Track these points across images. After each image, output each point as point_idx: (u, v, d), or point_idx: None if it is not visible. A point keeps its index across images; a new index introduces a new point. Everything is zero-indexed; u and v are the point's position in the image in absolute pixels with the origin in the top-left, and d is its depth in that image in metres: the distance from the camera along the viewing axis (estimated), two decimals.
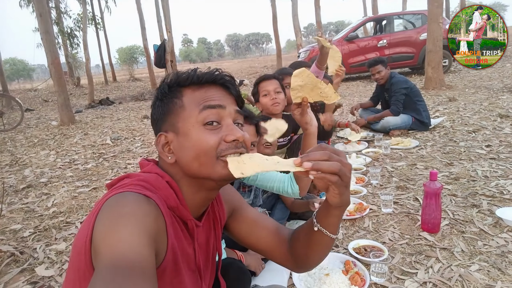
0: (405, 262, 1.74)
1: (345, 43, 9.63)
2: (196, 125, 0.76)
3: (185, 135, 0.76)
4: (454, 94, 6.07)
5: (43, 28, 6.57)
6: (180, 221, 0.78)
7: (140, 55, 48.38)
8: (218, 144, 0.75)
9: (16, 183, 3.68)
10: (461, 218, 2.09)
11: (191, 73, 0.80)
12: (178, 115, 0.77)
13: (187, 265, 0.79)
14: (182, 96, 0.78)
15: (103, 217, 0.64)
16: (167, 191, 0.75)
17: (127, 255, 0.57)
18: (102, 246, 0.59)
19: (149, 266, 0.58)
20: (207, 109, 0.76)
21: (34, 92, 16.07)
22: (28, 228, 2.56)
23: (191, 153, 0.75)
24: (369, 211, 2.30)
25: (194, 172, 0.77)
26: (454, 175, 2.73)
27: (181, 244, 0.77)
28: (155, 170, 0.78)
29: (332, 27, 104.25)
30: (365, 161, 3.23)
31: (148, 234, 0.62)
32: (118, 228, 0.60)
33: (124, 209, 0.64)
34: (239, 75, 16.36)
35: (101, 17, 18.53)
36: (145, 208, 0.65)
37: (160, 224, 0.67)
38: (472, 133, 3.80)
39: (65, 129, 6.67)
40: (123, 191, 0.69)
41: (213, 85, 0.80)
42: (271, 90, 2.25)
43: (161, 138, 0.79)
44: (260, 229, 0.99)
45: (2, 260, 2.06)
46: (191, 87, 0.79)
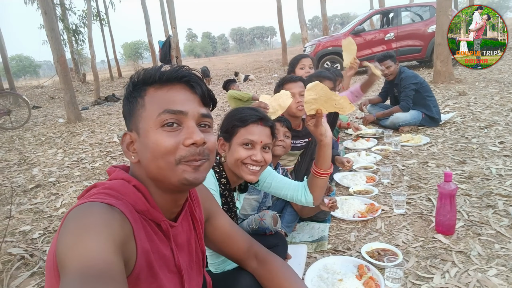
0: (420, 266, 1.70)
1: (351, 37, 9.48)
2: (154, 126, 0.74)
3: (144, 136, 0.74)
4: (464, 88, 5.96)
5: (48, 25, 6.55)
6: (152, 223, 0.76)
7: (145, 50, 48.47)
8: (176, 148, 0.73)
9: (25, 182, 3.69)
10: (476, 219, 2.04)
11: (154, 70, 0.77)
12: (140, 115, 0.76)
13: (165, 268, 0.77)
14: (144, 96, 0.76)
15: (65, 230, 0.62)
16: (135, 195, 0.73)
17: (94, 263, 0.56)
18: (67, 258, 0.58)
19: (118, 273, 0.58)
20: (166, 114, 0.73)
21: (40, 89, 16.16)
22: (38, 229, 2.56)
23: (149, 155, 0.74)
24: (381, 212, 2.25)
25: (153, 174, 0.76)
26: (467, 173, 2.67)
27: (156, 246, 0.75)
28: (121, 175, 0.77)
29: (337, 19, 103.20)
30: (376, 159, 3.18)
31: (113, 241, 0.61)
32: (81, 239, 0.59)
33: (86, 220, 0.62)
34: (244, 69, 16.28)
35: (106, 13, 18.51)
36: (107, 216, 0.64)
37: (126, 230, 0.66)
38: (484, 128, 3.72)
39: (72, 127, 6.69)
40: (84, 202, 0.67)
41: (177, 84, 0.77)
42: (296, 93, 2.23)
43: (126, 137, 0.78)
44: (233, 242, 1.07)
45: (12, 263, 2.05)
46: (154, 86, 0.76)
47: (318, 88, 1.21)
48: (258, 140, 1.38)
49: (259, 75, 13.50)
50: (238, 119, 1.41)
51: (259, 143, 1.39)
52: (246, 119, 1.40)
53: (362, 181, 2.75)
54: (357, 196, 2.51)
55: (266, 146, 1.42)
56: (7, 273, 1.97)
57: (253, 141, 1.38)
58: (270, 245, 1.56)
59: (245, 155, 1.37)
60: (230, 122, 1.44)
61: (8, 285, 1.88)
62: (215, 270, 1.39)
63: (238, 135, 1.40)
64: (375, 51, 9.39)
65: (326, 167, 1.48)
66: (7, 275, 1.95)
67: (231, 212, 1.51)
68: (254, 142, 1.38)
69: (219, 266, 1.37)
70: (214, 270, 1.39)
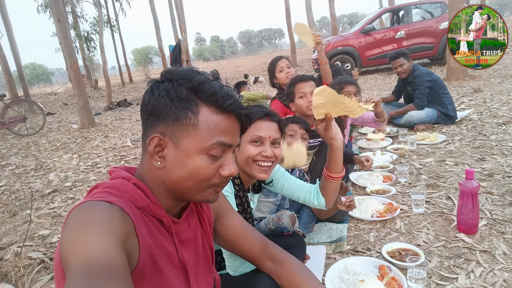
0: (443, 267, 1.66)
1: (361, 36, 9.44)
2: (201, 151, 0.74)
3: (185, 154, 0.74)
4: (479, 84, 5.85)
5: (61, 33, 6.67)
6: (154, 219, 0.77)
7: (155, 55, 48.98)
8: (214, 177, 0.77)
9: (42, 187, 3.75)
10: (499, 217, 1.99)
11: (217, 90, 0.74)
12: (187, 131, 0.73)
13: (170, 263, 0.78)
14: (198, 114, 0.73)
15: (68, 229, 0.63)
16: (135, 193, 0.74)
17: (97, 259, 0.57)
18: (70, 256, 0.59)
19: (121, 267, 0.59)
20: (219, 146, 0.75)
21: (54, 96, 16.44)
22: (56, 233, 2.59)
23: (184, 174, 0.75)
24: (400, 212, 2.21)
25: (179, 189, 0.78)
26: (488, 171, 2.61)
27: (159, 242, 0.76)
28: (121, 175, 0.78)
29: (346, 19, 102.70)
30: (392, 158, 3.13)
31: (114, 237, 0.62)
32: (83, 236, 0.60)
33: (86, 217, 0.64)
34: (253, 72, 16.29)
35: (116, 20, 18.77)
36: (108, 212, 0.65)
37: (127, 226, 0.67)
38: (502, 125, 3.63)
39: (85, 132, 6.78)
40: (85, 201, 0.69)
41: (232, 114, 0.77)
42: (307, 93, 2.24)
43: (155, 140, 0.74)
44: (246, 242, 1.07)
45: (32, 267, 2.08)
46: (210, 108, 0.74)
47: (326, 92, 1.20)
48: (266, 136, 1.38)
49: (268, 77, 13.49)
50: None
51: (268, 139, 1.38)
52: (253, 116, 1.39)
53: (378, 180, 2.71)
54: (374, 195, 2.47)
55: (275, 142, 1.41)
56: (28, 276, 1.99)
57: (262, 137, 1.37)
58: (288, 245, 1.54)
59: (255, 152, 1.37)
60: None
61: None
62: (233, 273, 1.38)
63: (246, 133, 1.39)
64: (385, 50, 9.30)
65: (338, 170, 1.45)
66: (28, 278, 1.97)
67: (246, 213, 1.50)
68: (263, 138, 1.38)
69: (237, 269, 1.36)
70: (233, 272, 1.38)
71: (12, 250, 2.31)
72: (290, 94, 2.36)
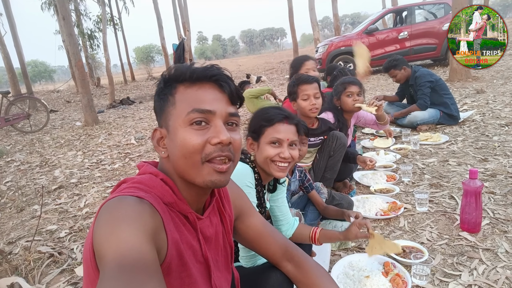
0: (446, 264, 1.69)
1: (364, 36, 9.45)
2: (183, 124, 0.76)
3: (173, 133, 0.77)
4: (481, 85, 5.87)
5: (66, 31, 6.71)
6: (180, 215, 0.79)
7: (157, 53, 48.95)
8: (203, 147, 0.75)
9: (48, 184, 3.78)
10: (502, 217, 2.02)
11: (184, 68, 0.79)
12: (170, 112, 0.78)
13: (194, 258, 0.80)
14: (175, 93, 0.78)
15: (100, 223, 0.65)
16: (162, 188, 0.77)
17: (129, 254, 0.59)
18: (104, 249, 0.61)
19: (152, 262, 0.60)
20: (195, 113, 0.75)
21: (56, 93, 16.49)
22: (64, 228, 2.63)
23: (178, 152, 0.76)
24: (404, 210, 2.24)
25: (180, 171, 0.78)
26: (490, 171, 2.64)
27: (185, 237, 0.78)
28: (149, 170, 0.80)
29: (348, 19, 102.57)
30: (395, 158, 3.16)
31: (145, 231, 0.64)
32: (116, 231, 0.62)
33: (118, 212, 0.66)
34: (255, 71, 16.30)
35: (119, 18, 18.80)
36: (138, 208, 0.67)
37: (156, 221, 0.69)
38: (505, 126, 3.66)
39: (89, 130, 6.82)
40: (115, 196, 0.71)
41: (206, 82, 0.79)
42: (311, 95, 2.27)
43: (156, 133, 0.81)
44: (266, 242, 1.07)
45: (42, 261, 2.11)
46: (184, 84, 0.78)
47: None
48: (284, 138, 1.42)
49: (271, 76, 13.51)
50: (265, 119, 1.45)
51: (286, 141, 1.43)
52: (272, 118, 1.44)
53: (382, 179, 2.74)
54: (378, 194, 2.50)
55: (292, 143, 1.45)
56: (38, 270, 2.03)
57: (280, 139, 1.42)
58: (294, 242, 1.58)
59: (274, 153, 1.41)
60: (257, 123, 1.48)
61: (39, 281, 1.94)
62: (245, 264, 1.41)
63: (266, 134, 1.45)
64: (388, 50, 9.32)
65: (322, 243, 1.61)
66: (38, 272, 2.01)
67: (261, 208, 1.54)
68: (281, 140, 1.42)
69: (251, 259, 1.40)
70: (245, 263, 1.42)
71: (21, 245, 2.35)
72: (292, 93, 2.37)
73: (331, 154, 2.51)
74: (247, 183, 1.40)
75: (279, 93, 8.81)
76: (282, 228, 1.63)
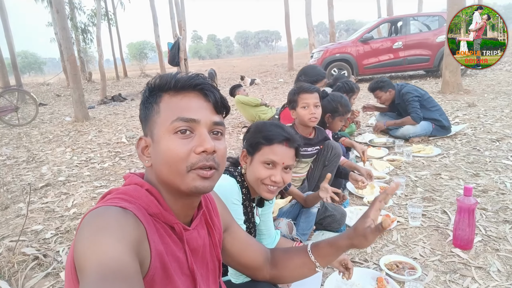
0: (439, 281, 1.69)
1: (359, 44, 9.52)
2: (167, 133, 0.75)
3: (157, 142, 0.76)
4: (473, 99, 5.95)
5: (60, 24, 6.59)
6: (166, 226, 0.78)
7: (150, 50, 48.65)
8: (188, 156, 0.75)
9: (35, 180, 3.69)
10: (494, 234, 2.03)
11: (169, 77, 0.79)
12: (155, 121, 0.78)
13: (179, 270, 0.79)
14: (160, 102, 0.78)
15: (82, 233, 0.65)
16: (147, 199, 0.76)
17: (110, 265, 0.58)
18: (85, 261, 0.60)
19: (134, 273, 0.60)
20: (179, 121, 0.75)
21: (46, 86, 16.22)
22: (50, 229, 2.55)
23: (161, 161, 0.76)
24: (397, 224, 2.24)
25: (164, 179, 0.77)
26: (482, 187, 2.66)
27: (170, 249, 0.77)
28: (135, 181, 0.80)
29: (343, 25, 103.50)
30: (389, 169, 3.17)
31: (127, 242, 0.63)
32: (97, 242, 0.61)
33: (100, 223, 0.65)
34: (249, 73, 16.30)
35: (114, 13, 18.60)
36: (121, 218, 0.66)
37: (139, 232, 0.68)
38: (496, 141, 3.71)
39: (79, 126, 6.70)
40: (99, 206, 0.70)
41: (191, 91, 0.79)
42: (311, 104, 2.25)
43: (141, 142, 0.81)
44: (251, 250, 1.10)
45: (26, 264, 2.05)
46: (169, 93, 0.78)
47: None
48: (280, 161, 1.36)
49: (265, 79, 13.52)
50: (264, 136, 1.39)
51: (281, 164, 1.37)
52: (272, 138, 1.38)
53: (376, 191, 2.74)
54: None
55: (287, 167, 1.40)
56: (22, 273, 1.96)
57: (275, 162, 1.36)
58: None
59: (265, 175, 1.36)
60: (255, 138, 1.42)
61: (23, 285, 1.88)
62: (235, 280, 1.38)
63: (262, 152, 1.39)
64: (382, 59, 9.42)
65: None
66: (22, 275, 1.94)
67: (250, 223, 1.50)
68: (276, 163, 1.36)
69: (242, 275, 1.37)
70: (235, 280, 1.38)
71: (5, 245, 2.27)
72: (292, 102, 2.37)
73: (326, 164, 2.50)
74: (233, 200, 1.36)
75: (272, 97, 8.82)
76: (264, 241, 1.61)
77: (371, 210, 0.98)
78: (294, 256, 1.12)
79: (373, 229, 0.95)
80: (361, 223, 0.98)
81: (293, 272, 1.12)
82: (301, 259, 1.10)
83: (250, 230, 1.51)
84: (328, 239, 1.09)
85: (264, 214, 1.61)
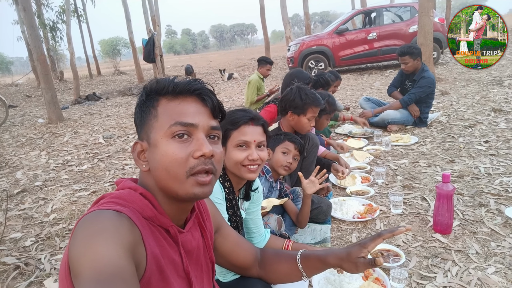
0: (422, 266, 1.75)
1: (335, 36, 9.62)
2: (165, 137, 0.75)
3: (155, 146, 0.76)
4: (445, 87, 6.15)
5: (27, 22, 6.31)
6: (161, 229, 0.78)
7: (123, 47, 47.40)
8: (187, 160, 0.75)
9: (9, 187, 3.56)
10: (471, 218, 2.12)
11: (167, 82, 0.79)
12: (152, 125, 0.77)
13: (175, 273, 0.79)
14: (157, 106, 0.78)
15: (76, 238, 0.64)
16: (142, 202, 0.76)
17: (106, 268, 0.58)
18: (80, 265, 0.60)
19: (130, 276, 0.60)
20: (177, 125, 0.75)
21: (15, 87, 15.57)
22: (29, 236, 2.48)
23: (160, 165, 0.75)
24: (380, 213, 2.30)
25: (162, 184, 0.77)
26: (458, 172, 2.76)
27: (165, 251, 0.77)
28: (128, 185, 0.79)
29: (317, 17, 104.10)
30: (369, 159, 3.24)
31: (123, 246, 0.63)
32: (92, 246, 0.61)
33: (95, 226, 0.64)
34: (227, 68, 16.17)
35: (84, 9, 17.96)
36: (116, 221, 0.66)
37: (135, 235, 0.68)
38: (469, 128, 3.85)
39: (53, 127, 6.47)
40: (92, 210, 0.69)
41: (189, 96, 0.79)
42: (313, 117, 2.36)
43: (136, 146, 0.80)
44: (242, 249, 1.12)
45: (8, 274, 1.98)
46: (167, 97, 0.78)
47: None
48: (251, 140, 1.40)
49: (242, 74, 13.45)
50: (230, 122, 1.42)
51: (253, 142, 1.41)
52: (237, 121, 1.42)
53: (357, 181, 2.80)
54: (354, 196, 2.55)
55: (260, 144, 1.43)
56: (3, 284, 1.90)
57: (247, 141, 1.40)
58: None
59: (242, 157, 1.39)
60: (223, 127, 1.41)
61: None
62: (223, 279, 1.39)
63: (232, 137, 1.42)
64: (357, 50, 9.57)
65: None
66: (3, 286, 1.88)
67: (236, 216, 1.51)
68: (248, 142, 1.40)
69: (228, 273, 1.37)
70: (222, 278, 1.39)
71: None
72: (299, 108, 2.32)
73: (305, 155, 2.52)
74: (216, 199, 1.36)
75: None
76: (254, 240, 1.62)
77: (371, 243, 0.96)
78: (283, 261, 1.14)
79: (366, 261, 0.96)
80: (356, 251, 0.97)
81: (279, 276, 1.15)
82: (289, 265, 1.11)
83: (237, 224, 1.51)
84: (318, 253, 1.07)
85: (252, 212, 1.61)
